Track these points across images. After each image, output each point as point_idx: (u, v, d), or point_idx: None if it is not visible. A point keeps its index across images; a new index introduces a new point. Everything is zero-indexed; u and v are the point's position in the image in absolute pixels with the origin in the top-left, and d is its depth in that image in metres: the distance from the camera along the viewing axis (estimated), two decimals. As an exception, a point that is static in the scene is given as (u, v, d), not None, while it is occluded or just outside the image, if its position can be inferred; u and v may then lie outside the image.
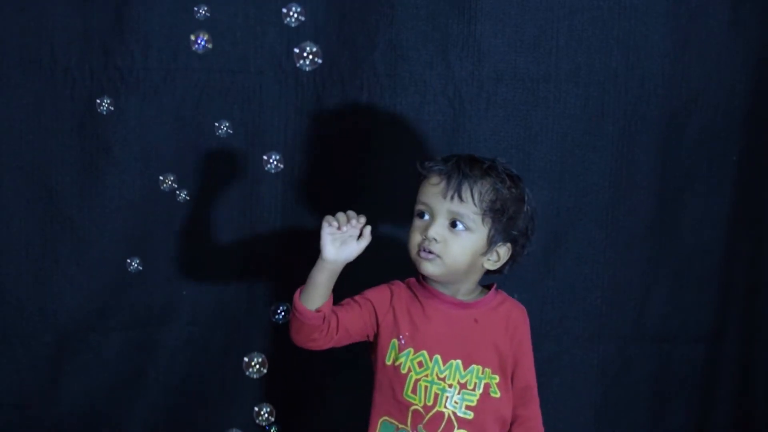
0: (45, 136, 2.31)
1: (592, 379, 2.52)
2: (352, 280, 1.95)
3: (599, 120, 2.44)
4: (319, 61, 1.85)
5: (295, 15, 1.86)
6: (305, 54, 1.84)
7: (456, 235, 1.88)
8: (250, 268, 2.41)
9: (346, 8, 2.35)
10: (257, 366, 1.97)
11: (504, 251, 1.94)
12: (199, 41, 1.96)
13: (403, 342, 1.91)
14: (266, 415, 2.00)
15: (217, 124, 2.05)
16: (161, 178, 2.11)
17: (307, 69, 1.85)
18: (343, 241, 1.83)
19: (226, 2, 2.32)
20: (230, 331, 2.43)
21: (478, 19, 2.37)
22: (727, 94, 2.47)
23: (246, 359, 1.97)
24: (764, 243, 2.55)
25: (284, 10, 1.86)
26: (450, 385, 1.90)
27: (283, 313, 2.05)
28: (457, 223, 1.88)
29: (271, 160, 2.01)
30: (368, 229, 1.85)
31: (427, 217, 1.90)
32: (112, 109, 2.10)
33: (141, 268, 2.18)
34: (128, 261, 2.17)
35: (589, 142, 2.44)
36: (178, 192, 2.11)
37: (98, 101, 2.10)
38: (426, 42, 2.37)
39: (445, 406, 1.89)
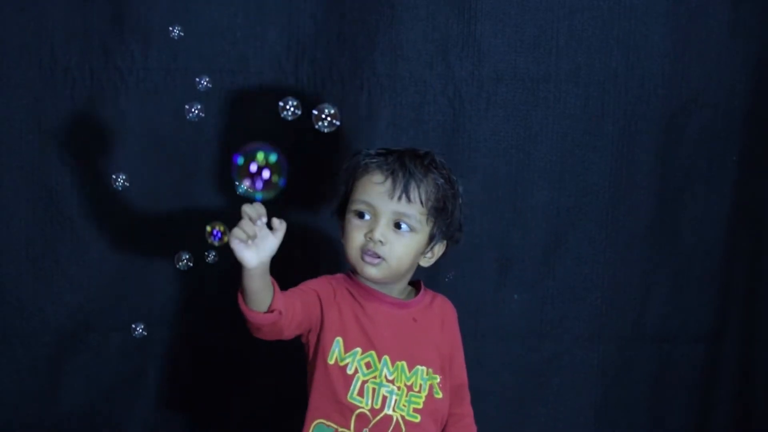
0: (45, 136, 2.31)
1: (592, 379, 2.52)
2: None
3: (599, 120, 2.44)
4: (338, 123, 1.76)
5: (291, 109, 1.76)
6: (324, 116, 1.75)
7: (400, 236, 1.80)
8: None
9: (346, 8, 2.35)
10: None
11: (439, 248, 1.89)
12: (193, 110, 1.87)
13: (349, 341, 1.81)
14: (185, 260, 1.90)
15: (237, 182, 1.99)
16: (176, 256, 2.05)
17: (326, 131, 1.75)
18: (256, 243, 1.66)
19: (226, 2, 2.32)
20: (230, 331, 2.43)
21: (478, 19, 2.37)
22: (727, 94, 2.47)
23: None
24: (764, 243, 2.55)
25: (281, 104, 1.76)
26: (398, 388, 1.82)
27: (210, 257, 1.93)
28: (402, 224, 1.80)
29: (202, 81, 1.91)
30: (277, 221, 1.69)
31: (368, 216, 1.82)
32: (203, 114, 2.04)
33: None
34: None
35: (589, 142, 2.44)
36: (207, 254, 2.06)
37: (187, 107, 1.97)
38: (426, 42, 2.37)
39: (394, 410, 1.81)
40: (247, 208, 1.65)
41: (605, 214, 2.47)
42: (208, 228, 1.76)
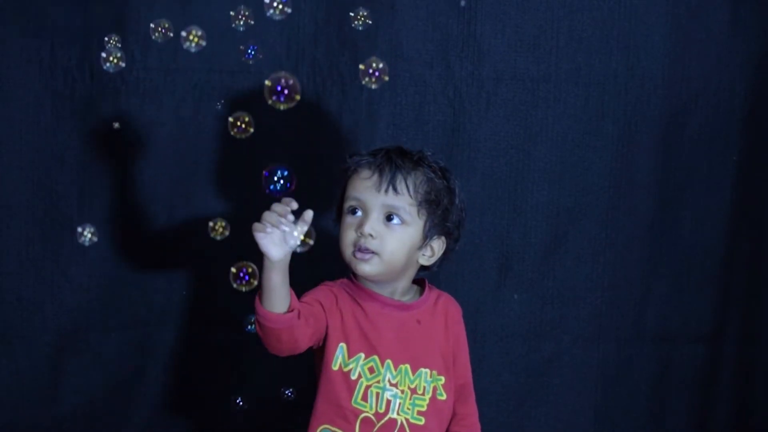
0: (45, 136, 2.31)
1: (592, 379, 2.52)
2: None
3: (599, 120, 2.44)
4: (386, 78, 1.86)
5: (280, 6, 1.79)
6: (371, 70, 1.88)
7: (392, 230, 1.80)
8: (250, 268, 2.41)
9: (346, 8, 2.35)
10: None
11: (438, 245, 1.88)
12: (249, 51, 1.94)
13: (352, 347, 1.82)
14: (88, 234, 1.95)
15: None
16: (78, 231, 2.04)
17: (374, 87, 1.88)
18: (282, 237, 1.66)
19: (226, 2, 2.32)
20: (230, 331, 2.43)
21: (478, 19, 2.37)
22: (727, 94, 2.48)
23: None
24: (764, 243, 2.55)
25: (266, 1, 1.78)
26: (402, 391, 1.82)
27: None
28: (393, 216, 1.80)
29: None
30: (309, 213, 1.68)
31: (359, 213, 1.82)
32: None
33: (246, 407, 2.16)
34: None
35: (589, 142, 2.44)
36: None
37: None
38: (426, 42, 2.37)
39: (398, 413, 1.82)
40: (275, 205, 1.67)
41: (605, 214, 2.47)
42: (234, 270, 1.77)
